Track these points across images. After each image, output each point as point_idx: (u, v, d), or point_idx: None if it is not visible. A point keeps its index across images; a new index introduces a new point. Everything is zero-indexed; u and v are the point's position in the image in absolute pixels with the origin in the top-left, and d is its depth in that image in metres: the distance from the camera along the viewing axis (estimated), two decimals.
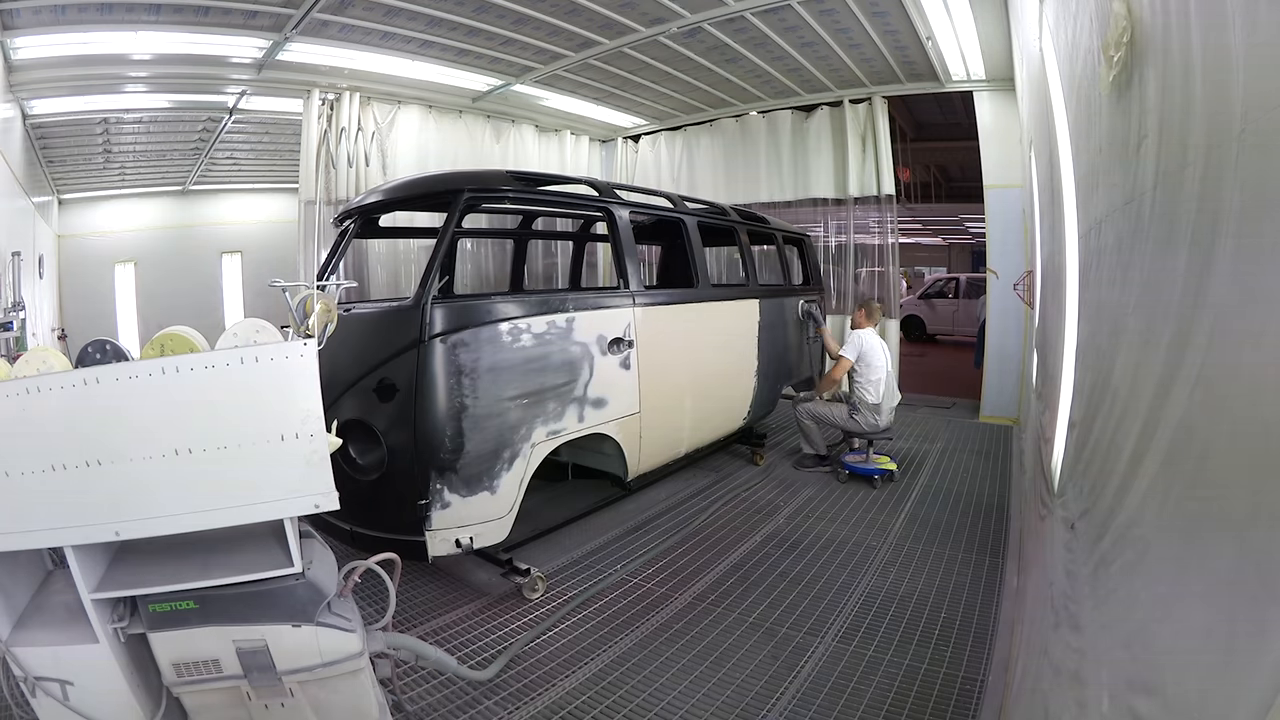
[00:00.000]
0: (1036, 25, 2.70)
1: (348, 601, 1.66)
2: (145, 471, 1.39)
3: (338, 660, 1.55)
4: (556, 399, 3.08)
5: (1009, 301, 6.16)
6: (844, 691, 2.32)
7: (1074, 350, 1.73)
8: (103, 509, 1.40)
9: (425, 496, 2.71)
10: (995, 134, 6.33)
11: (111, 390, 1.38)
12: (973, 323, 11.31)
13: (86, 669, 1.47)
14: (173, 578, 1.48)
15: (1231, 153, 0.62)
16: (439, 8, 4.91)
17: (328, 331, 1.70)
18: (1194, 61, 0.75)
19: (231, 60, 5.46)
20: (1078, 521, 1.28)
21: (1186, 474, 0.71)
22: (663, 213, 4.24)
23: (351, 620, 1.60)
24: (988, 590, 3.01)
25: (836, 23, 5.30)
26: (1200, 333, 0.69)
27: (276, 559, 1.51)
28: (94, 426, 1.38)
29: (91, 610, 1.45)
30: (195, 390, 1.41)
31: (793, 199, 7.63)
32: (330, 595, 1.56)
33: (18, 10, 4.19)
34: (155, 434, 1.40)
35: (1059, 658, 1.25)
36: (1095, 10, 1.29)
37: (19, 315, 4.58)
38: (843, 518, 3.98)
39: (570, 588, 3.14)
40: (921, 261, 23.33)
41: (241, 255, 9.97)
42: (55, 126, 6.40)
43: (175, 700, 1.63)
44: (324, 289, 1.75)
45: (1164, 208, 0.87)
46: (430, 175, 3.82)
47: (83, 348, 1.50)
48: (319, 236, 6.03)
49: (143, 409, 1.40)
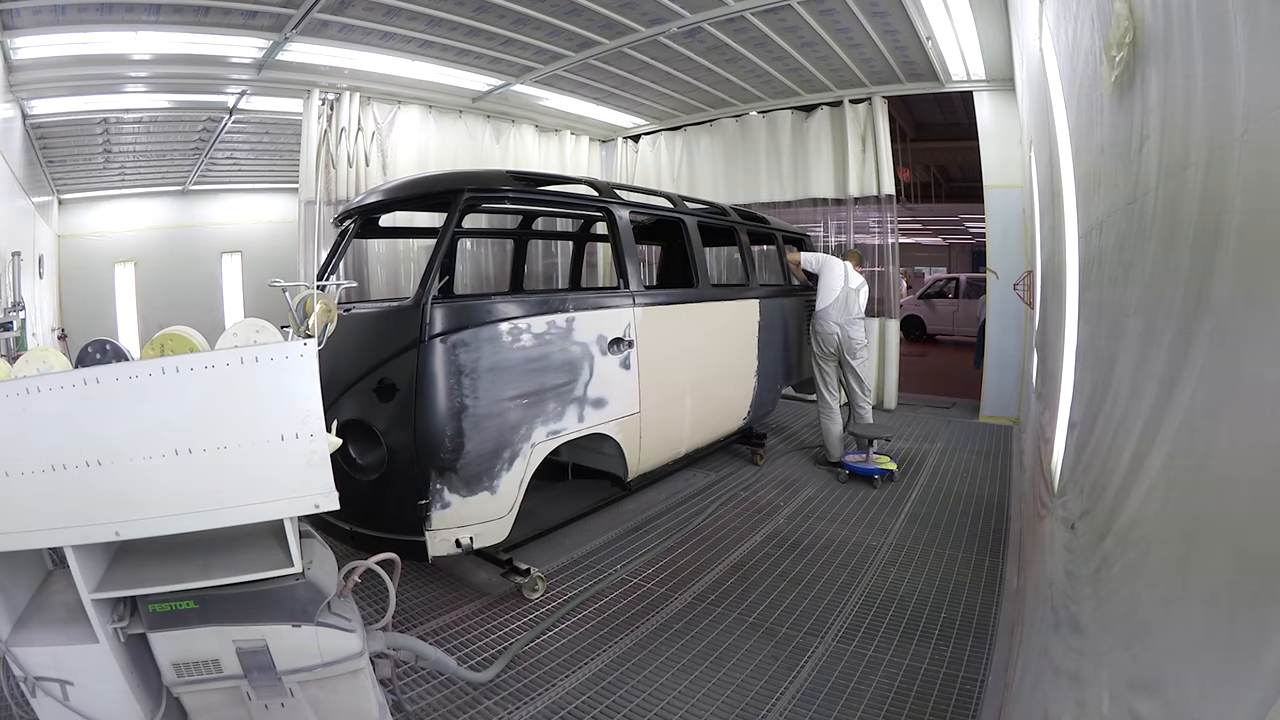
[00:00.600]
0: (1036, 25, 2.70)
1: (348, 601, 1.66)
2: (145, 472, 1.39)
3: (337, 660, 1.56)
4: (556, 399, 3.08)
5: (1009, 301, 6.16)
6: (844, 691, 2.32)
7: (1074, 350, 1.73)
8: (103, 509, 1.40)
9: (425, 496, 2.71)
10: (995, 134, 6.33)
11: (112, 390, 1.38)
12: (973, 323, 11.31)
13: (86, 669, 1.47)
14: (173, 578, 1.48)
15: (1234, 153, 0.62)
16: (439, 8, 4.90)
17: (328, 331, 1.70)
18: (1196, 62, 0.75)
19: (231, 60, 5.45)
20: (1078, 522, 1.28)
21: (1188, 475, 0.71)
22: (663, 213, 4.24)
23: (351, 620, 1.60)
24: (988, 590, 3.01)
25: (836, 23, 5.29)
26: (1202, 333, 0.69)
27: (276, 559, 1.52)
28: (94, 426, 1.38)
29: (91, 610, 1.45)
30: (195, 390, 1.41)
31: (793, 199, 7.63)
32: (330, 595, 1.57)
33: (18, 10, 4.18)
34: (155, 434, 1.40)
35: (1059, 658, 1.25)
36: (1096, 10, 1.29)
37: (19, 315, 4.58)
38: (843, 518, 3.98)
39: (570, 588, 3.14)
40: (921, 261, 23.33)
41: (241, 255, 9.97)
42: (55, 126, 6.40)
43: (175, 700, 1.63)
44: (324, 289, 1.75)
45: (1166, 208, 0.87)
46: (430, 175, 3.82)
47: (83, 348, 1.50)
48: (319, 236, 6.03)
49: (143, 409, 1.40)
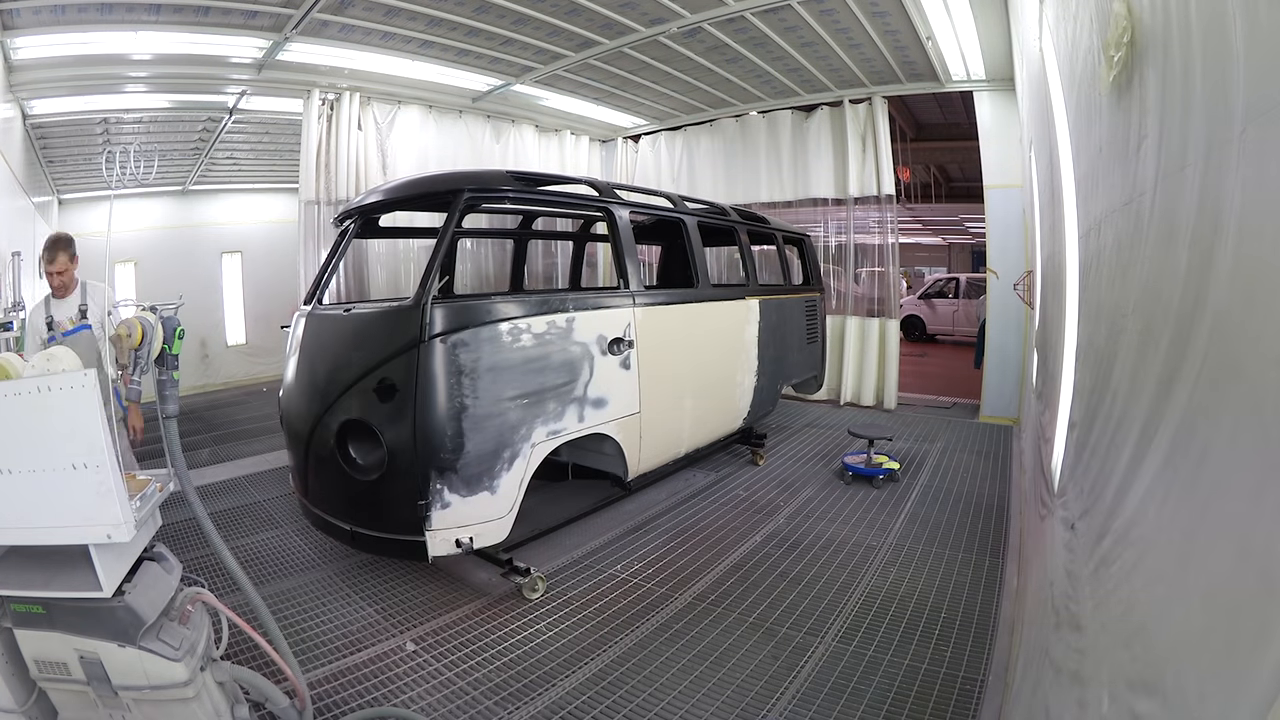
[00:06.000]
0: (1036, 25, 2.70)
1: (185, 630, 1.68)
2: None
3: (163, 686, 1.59)
4: (556, 399, 3.08)
5: (1009, 301, 6.16)
6: (844, 691, 2.32)
7: (1074, 350, 1.73)
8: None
9: (425, 496, 2.72)
10: (995, 134, 6.34)
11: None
12: (973, 323, 11.32)
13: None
14: (24, 584, 1.55)
15: (1232, 153, 0.62)
16: (439, 8, 4.91)
17: (151, 354, 1.69)
18: (1194, 61, 0.75)
19: (231, 60, 5.46)
20: (1078, 522, 1.28)
21: (1187, 475, 0.71)
22: (663, 213, 4.24)
23: (178, 649, 1.61)
24: (988, 590, 3.01)
25: (836, 23, 5.30)
26: (1200, 333, 0.69)
27: (92, 581, 1.54)
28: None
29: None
30: (6, 416, 1.45)
31: (793, 199, 7.63)
32: (148, 622, 1.58)
33: (18, 10, 4.19)
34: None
35: (1059, 658, 1.25)
36: (1095, 10, 1.29)
37: (19, 315, 4.57)
38: (843, 518, 3.98)
39: (570, 588, 3.15)
40: (921, 261, 23.34)
41: (241, 255, 9.97)
42: (55, 126, 6.40)
43: (44, 693, 1.71)
44: (154, 309, 1.76)
45: (1164, 208, 0.87)
46: (430, 175, 3.82)
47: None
48: (319, 236, 6.03)
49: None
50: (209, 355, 9.59)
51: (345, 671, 2.47)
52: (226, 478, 5.06)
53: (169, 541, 2.00)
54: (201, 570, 3.04)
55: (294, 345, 3.32)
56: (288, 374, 3.34)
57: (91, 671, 1.59)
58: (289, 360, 3.34)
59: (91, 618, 1.55)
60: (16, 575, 1.58)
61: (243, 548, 3.64)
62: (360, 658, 2.57)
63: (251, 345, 10.05)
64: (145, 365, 1.68)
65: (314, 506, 3.11)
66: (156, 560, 1.76)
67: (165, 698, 1.61)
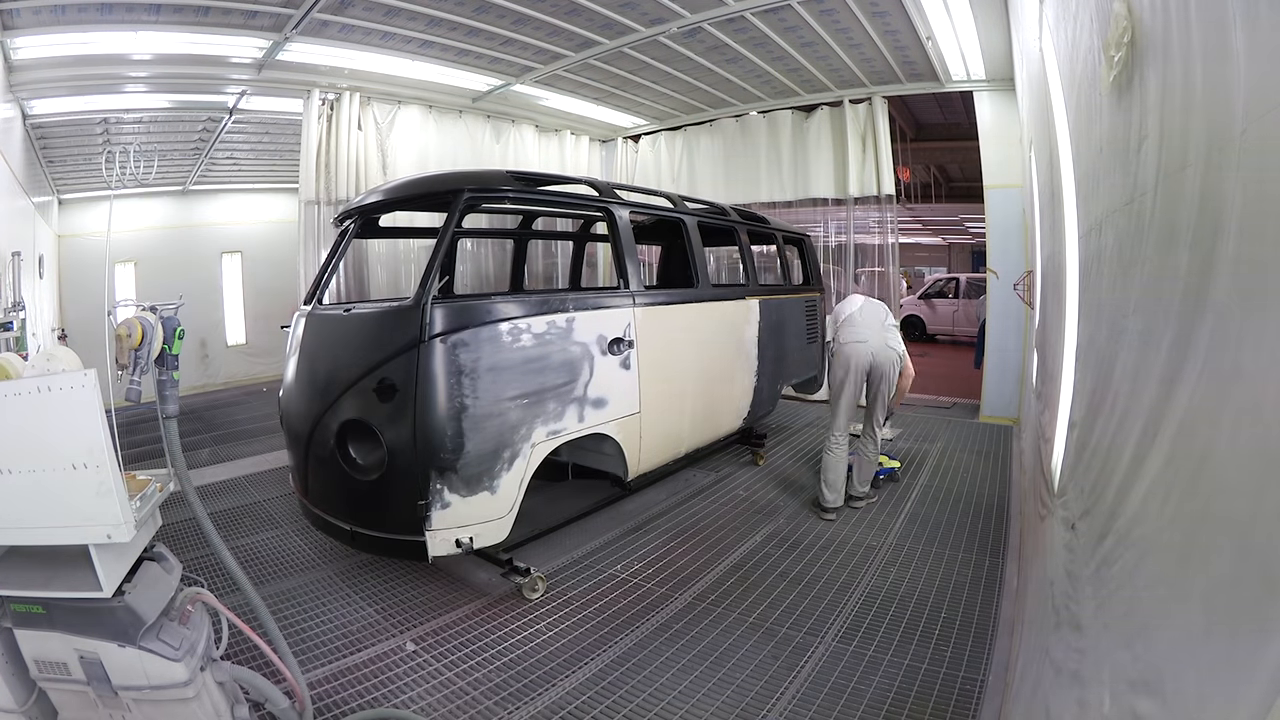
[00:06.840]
0: (1036, 25, 2.70)
1: (185, 629, 1.68)
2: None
3: (163, 686, 1.59)
4: (556, 399, 3.08)
5: (1009, 301, 6.16)
6: (844, 691, 2.32)
7: (1074, 350, 1.73)
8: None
9: (425, 496, 2.71)
10: (995, 134, 6.33)
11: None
12: (973, 323, 11.31)
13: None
14: (24, 584, 1.56)
15: (1233, 153, 0.62)
16: (439, 8, 4.91)
17: (150, 354, 1.69)
18: (1195, 61, 0.75)
19: (231, 60, 5.45)
20: (1078, 522, 1.28)
21: (1188, 475, 0.71)
22: (663, 213, 4.24)
23: (178, 649, 1.62)
24: (988, 590, 3.01)
25: (836, 23, 5.30)
26: (1201, 333, 0.69)
27: (91, 581, 1.55)
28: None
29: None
30: (6, 416, 1.45)
31: (793, 199, 7.63)
32: (148, 621, 1.58)
33: (18, 10, 4.18)
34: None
35: (1060, 658, 1.25)
36: (1095, 10, 1.29)
37: (19, 315, 4.57)
38: (843, 517, 3.98)
39: (570, 588, 3.15)
40: (921, 261, 23.31)
41: (241, 255, 9.96)
42: (55, 126, 6.39)
43: (44, 692, 1.71)
44: (154, 309, 1.76)
45: (1165, 208, 0.87)
46: (430, 175, 3.82)
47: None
48: (319, 236, 6.03)
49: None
50: (209, 355, 9.59)
51: (345, 671, 2.47)
52: (226, 478, 5.06)
53: (169, 541, 2.00)
54: (201, 570, 3.04)
55: (294, 345, 3.32)
56: (288, 374, 3.33)
57: (91, 671, 1.59)
58: (289, 360, 3.34)
59: (91, 618, 1.56)
60: (16, 575, 1.59)
61: (243, 548, 3.64)
62: (360, 658, 2.57)
63: (251, 345, 10.05)
64: (145, 365, 1.68)
65: (314, 506, 3.11)
66: (156, 560, 1.76)
67: (165, 698, 1.61)
